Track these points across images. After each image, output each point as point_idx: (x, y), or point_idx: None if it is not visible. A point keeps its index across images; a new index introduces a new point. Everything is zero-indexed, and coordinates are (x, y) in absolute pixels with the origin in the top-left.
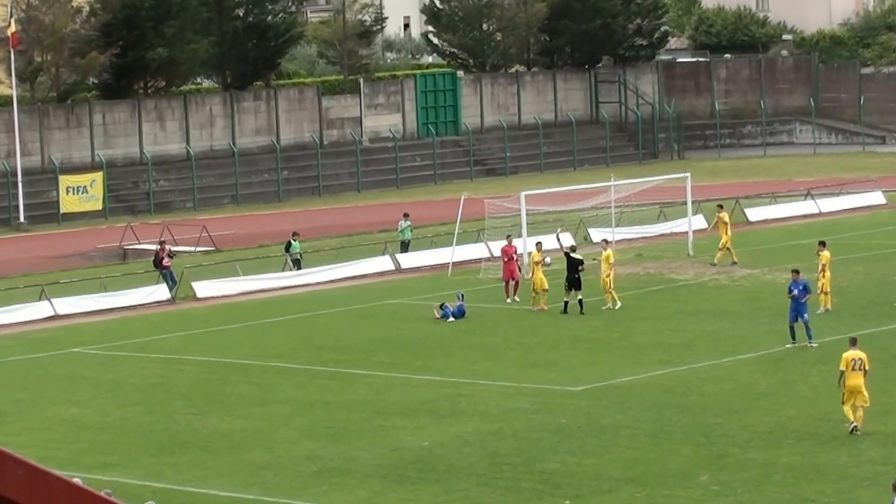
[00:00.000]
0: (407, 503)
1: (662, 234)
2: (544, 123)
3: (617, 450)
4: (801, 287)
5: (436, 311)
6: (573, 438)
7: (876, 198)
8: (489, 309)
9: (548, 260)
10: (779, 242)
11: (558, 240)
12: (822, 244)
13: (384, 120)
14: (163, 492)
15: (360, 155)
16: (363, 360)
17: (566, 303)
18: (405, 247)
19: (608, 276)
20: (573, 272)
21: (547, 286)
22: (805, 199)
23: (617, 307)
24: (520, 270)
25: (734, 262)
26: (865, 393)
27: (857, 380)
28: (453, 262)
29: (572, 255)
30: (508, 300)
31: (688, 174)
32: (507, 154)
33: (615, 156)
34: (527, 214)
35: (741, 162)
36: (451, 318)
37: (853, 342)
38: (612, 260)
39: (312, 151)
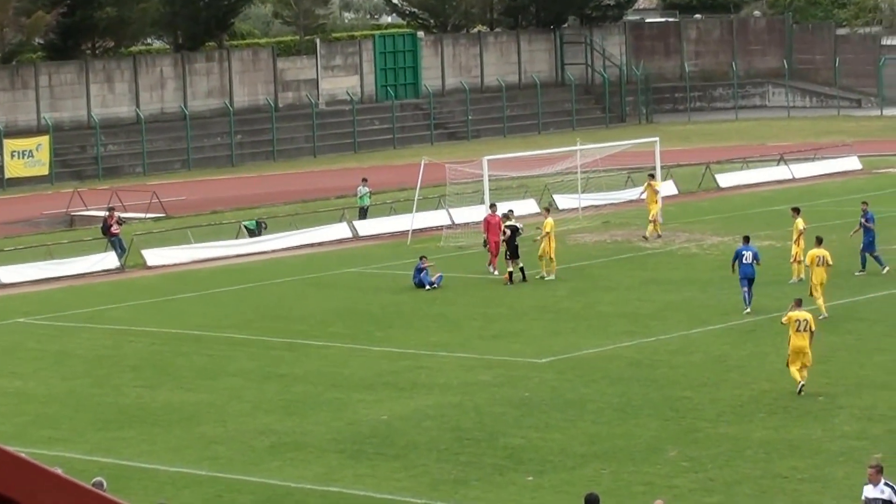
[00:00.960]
0: (364, 479)
1: (630, 201)
2: (508, 86)
3: (582, 424)
4: (752, 252)
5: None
6: (537, 412)
7: (851, 163)
8: (451, 278)
9: (520, 226)
10: (751, 209)
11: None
12: (796, 211)
13: (341, 82)
14: (111, 467)
15: (317, 118)
16: (319, 330)
17: (510, 273)
18: (363, 213)
19: (549, 245)
20: (512, 240)
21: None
22: (778, 164)
23: (549, 278)
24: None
25: (658, 236)
26: (810, 353)
27: (802, 341)
28: (413, 230)
29: (508, 221)
30: (495, 272)
31: (656, 139)
32: (469, 117)
33: (581, 119)
34: (489, 180)
35: (712, 126)
36: (427, 287)
37: (798, 303)
38: (551, 229)
39: (267, 114)
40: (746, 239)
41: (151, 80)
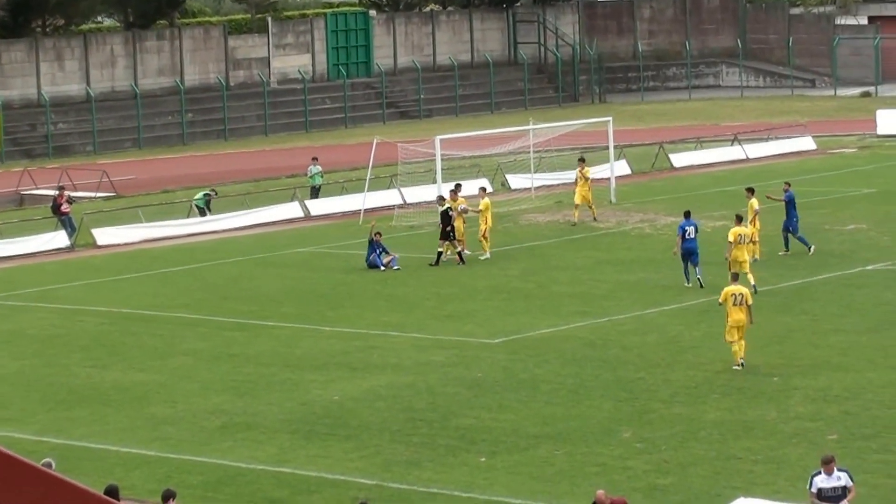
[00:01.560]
0: (316, 460)
1: None
2: (460, 65)
3: (535, 405)
4: (694, 227)
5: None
6: (490, 393)
7: (805, 143)
8: (403, 258)
9: (463, 207)
10: (704, 189)
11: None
12: (750, 191)
13: (293, 61)
14: (61, 448)
15: (268, 97)
16: (271, 310)
17: (439, 253)
18: (315, 192)
19: (485, 224)
20: (445, 223)
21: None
22: (732, 144)
23: (483, 257)
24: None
25: (594, 219)
26: (744, 329)
27: (739, 314)
28: (365, 209)
29: (442, 206)
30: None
31: (609, 118)
32: (421, 96)
33: (534, 99)
34: (442, 160)
35: (665, 105)
36: (382, 268)
37: (734, 278)
38: (486, 209)
39: (218, 93)
40: (687, 214)
41: (102, 58)
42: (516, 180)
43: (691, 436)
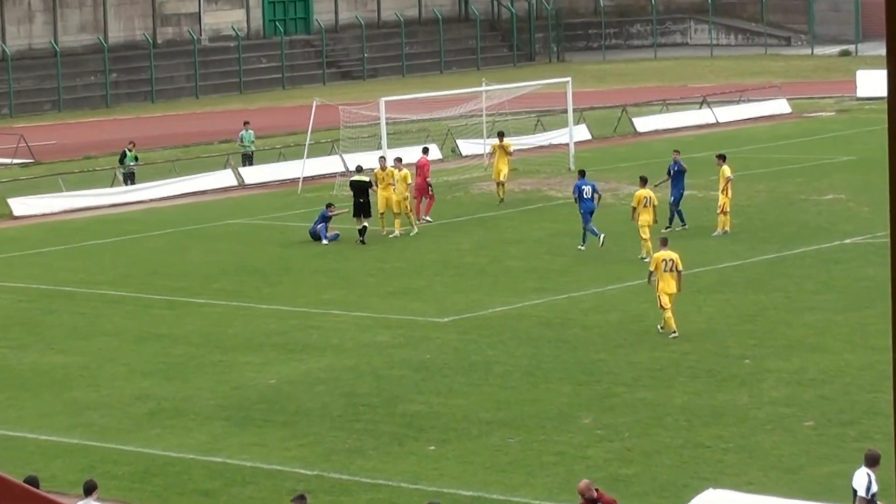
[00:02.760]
0: (252, 448)
1: (540, 147)
2: (407, 21)
3: (488, 389)
4: (591, 186)
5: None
6: (439, 376)
7: (779, 106)
8: (346, 230)
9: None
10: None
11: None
12: (721, 158)
13: (226, 16)
14: None
15: (199, 56)
16: (202, 287)
17: (361, 230)
18: (249, 159)
19: (405, 197)
20: (360, 195)
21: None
22: (700, 107)
23: (413, 233)
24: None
25: (502, 200)
26: (674, 296)
27: (669, 281)
28: (304, 177)
29: (358, 176)
30: (420, 221)
31: (568, 79)
32: (365, 55)
33: (487, 58)
34: (387, 124)
35: (629, 65)
36: (325, 241)
37: (664, 243)
38: (409, 180)
39: (145, 51)
40: (582, 173)
41: (19, 13)
42: (468, 146)
43: (656, 422)
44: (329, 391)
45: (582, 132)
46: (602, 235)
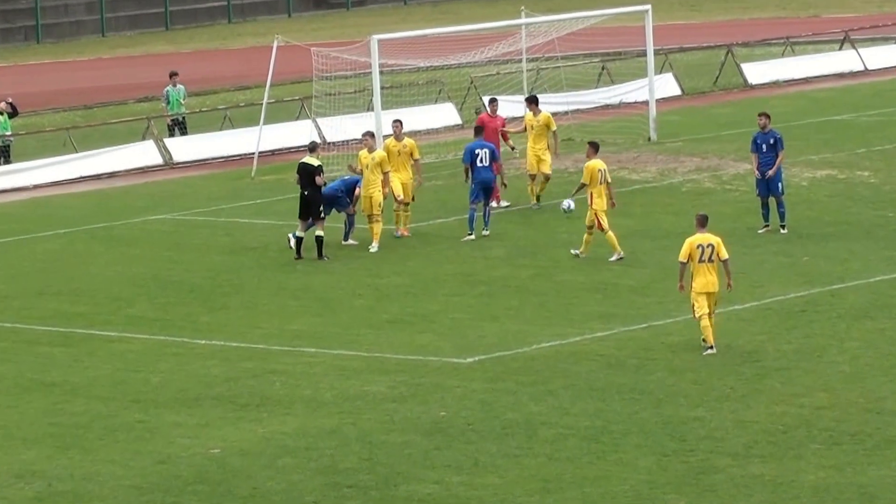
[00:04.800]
0: None
1: (607, 106)
2: None
3: (532, 462)
4: (489, 150)
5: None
6: (459, 443)
7: None
8: (326, 228)
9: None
10: (797, 119)
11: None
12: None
13: None
14: None
15: None
16: (112, 313)
17: (299, 239)
18: (180, 127)
19: (376, 189)
20: (308, 186)
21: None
22: (841, 47)
23: (373, 248)
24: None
25: (538, 200)
26: (716, 296)
27: (708, 276)
28: (260, 153)
29: (308, 157)
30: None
31: (648, 7)
32: None
33: None
34: (382, 73)
35: None
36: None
37: (701, 223)
38: (382, 162)
39: None
40: (477, 130)
41: None
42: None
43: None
44: (299, 466)
45: (667, 85)
46: (471, 235)
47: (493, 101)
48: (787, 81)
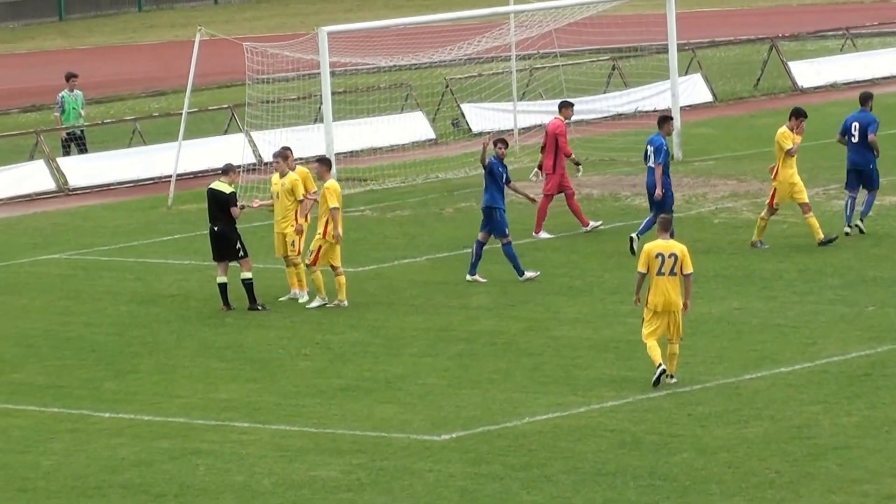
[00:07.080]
0: None
1: (619, 115)
2: None
3: None
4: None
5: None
6: None
7: None
8: (263, 270)
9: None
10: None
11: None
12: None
13: None
14: None
15: None
16: None
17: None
18: (78, 143)
19: (289, 224)
20: (219, 220)
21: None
22: None
23: (302, 299)
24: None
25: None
26: (680, 317)
27: (668, 293)
28: (178, 176)
29: (218, 182)
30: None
31: None
32: None
33: None
34: (334, 75)
35: None
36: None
37: (665, 226)
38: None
39: None
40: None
41: None
42: (483, 115)
43: None
44: None
45: (695, 89)
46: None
47: (566, 106)
48: (846, 84)
